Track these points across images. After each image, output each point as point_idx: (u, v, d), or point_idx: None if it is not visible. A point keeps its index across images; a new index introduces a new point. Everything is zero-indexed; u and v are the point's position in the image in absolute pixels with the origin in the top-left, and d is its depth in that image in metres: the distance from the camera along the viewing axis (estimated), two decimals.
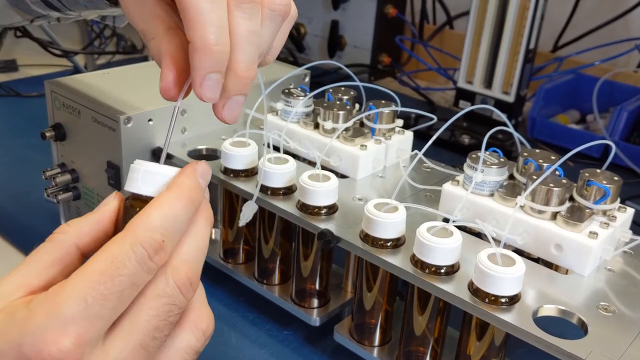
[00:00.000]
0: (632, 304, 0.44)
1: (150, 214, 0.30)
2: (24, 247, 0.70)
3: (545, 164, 0.51)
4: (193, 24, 0.32)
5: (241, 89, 0.35)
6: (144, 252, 0.30)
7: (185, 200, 0.32)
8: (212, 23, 0.32)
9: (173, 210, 0.31)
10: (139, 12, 0.36)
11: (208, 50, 0.32)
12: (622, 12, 1.16)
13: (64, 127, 0.65)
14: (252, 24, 0.34)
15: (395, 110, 0.62)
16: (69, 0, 0.48)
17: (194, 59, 0.33)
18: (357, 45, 1.32)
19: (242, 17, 0.34)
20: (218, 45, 0.33)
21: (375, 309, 0.53)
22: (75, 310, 0.28)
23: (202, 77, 0.33)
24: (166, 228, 0.31)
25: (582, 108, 1.12)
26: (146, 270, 0.30)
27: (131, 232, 0.30)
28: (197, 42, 0.32)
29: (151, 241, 0.30)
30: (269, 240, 0.59)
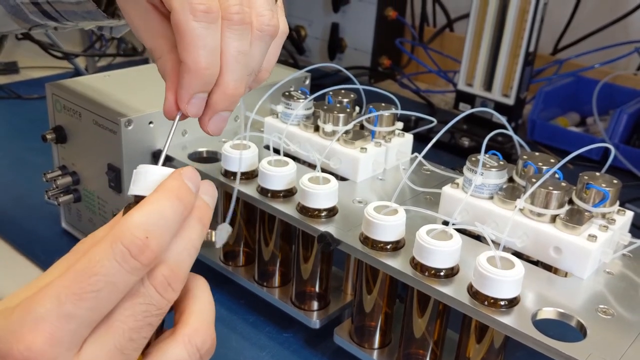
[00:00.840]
0: (631, 306, 0.44)
1: (132, 213, 0.30)
2: (24, 249, 0.70)
3: (544, 167, 0.52)
4: (187, 46, 0.34)
5: (228, 105, 0.36)
6: (124, 250, 0.28)
7: (172, 199, 0.31)
8: (205, 47, 0.34)
9: (157, 208, 0.30)
10: (146, 30, 0.37)
11: (199, 72, 0.34)
12: (621, 15, 1.16)
13: (65, 129, 0.65)
14: (241, 45, 0.36)
15: (395, 113, 0.62)
16: (67, 12, 0.48)
17: (184, 79, 0.34)
18: (358, 47, 1.32)
19: (232, 37, 0.35)
20: (209, 68, 0.34)
21: (375, 312, 0.53)
22: (48, 308, 0.27)
23: (189, 95, 0.35)
24: (150, 225, 0.29)
25: (582, 111, 1.12)
26: (128, 270, 0.28)
27: (112, 231, 0.29)
28: (189, 64, 0.34)
29: (132, 238, 0.29)
30: (269, 242, 0.59)
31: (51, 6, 0.48)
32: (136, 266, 0.29)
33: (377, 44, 1.29)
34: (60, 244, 0.71)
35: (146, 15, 0.37)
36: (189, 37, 0.33)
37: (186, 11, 0.33)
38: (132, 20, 0.38)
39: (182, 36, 0.33)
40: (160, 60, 0.37)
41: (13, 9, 0.51)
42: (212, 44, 0.34)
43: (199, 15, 0.33)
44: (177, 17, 0.33)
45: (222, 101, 0.36)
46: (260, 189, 0.56)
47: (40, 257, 0.68)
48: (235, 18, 0.35)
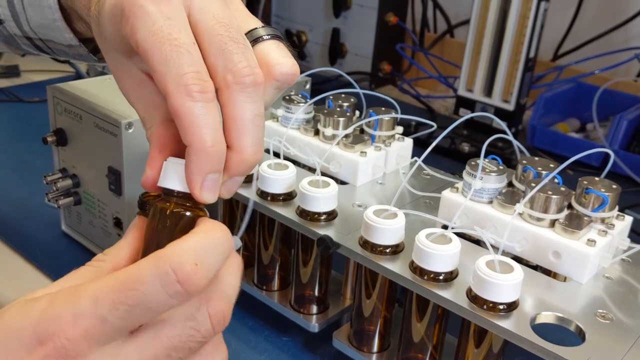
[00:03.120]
0: (629, 311, 0.44)
1: (185, 239, 0.30)
2: (24, 252, 0.70)
3: (544, 171, 0.52)
4: (189, 128, 0.32)
5: (244, 171, 0.35)
6: (169, 272, 0.28)
7: (225, 232, 0.31)
8: (206, 125, 0.32)
9: (212, 238, 0.30)
10: (138, 99, 0.36)
11: (205, 152, 0.32)
12: (622, 21, 1.17)
13: (66, 132, 0.65)
14: (256, 107, 0.34)
15: (395, 118, 0.62)
16: (59, 50, 0.49)
17: (193, 162, 0.32)
18: (358, 53, 1.32)
19: (246, 101, 0.33)
20: (214, 145, 0.32)
21: (374, 316, 0.53)
22: (87, 306, 0.28)
23: (202, 178, 0.33)
24: (202, 253, 0.29)
25: (582, 117, 1.12)
26: (169, 293, 0.28)
27: (164, 251, 0.29)
28: (194, 145, 0.32)
29: (181, 262, 0.28)
30: (269, 246, 0.59)
31: (44, 43, 0.48)
32: (178, 291, 0.28)
33: (377, 49, 1.30)
34: (60, 246, 0.71)
35: (139, 85, 0.36)
36: (189, 118, 0.31)
37: (182, 94, 0.31)
38: (124, 87, 0.37)
39: (182, 119, 0.31)
40: (150, 130, 0.36)
41: (7, 38, 0.51)
42: (213, 121, 0.32)
43: (196, 96, 0.31)
44: (173, 100, 0.31)
45: (239, 167, 0.34)
46: (259, 192, 0.56)
47: (40, 260, 0.68)
48: (248, 81, 0.33)
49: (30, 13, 0.46)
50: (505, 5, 0.96)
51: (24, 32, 0.48)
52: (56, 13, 0.45)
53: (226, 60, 0.33)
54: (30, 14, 0.46)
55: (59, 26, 0.45)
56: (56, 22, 0.45)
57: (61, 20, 0.45)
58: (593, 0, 1.21)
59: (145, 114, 0.36)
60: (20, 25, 0.47)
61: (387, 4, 1.27)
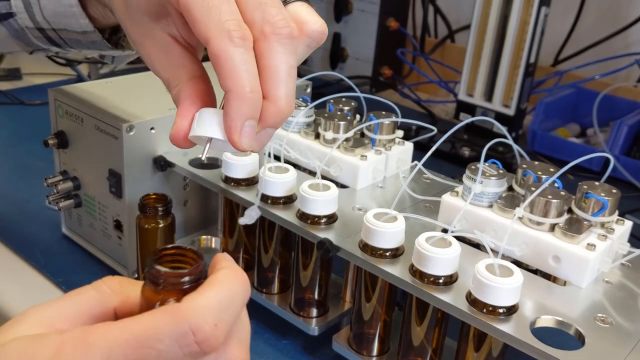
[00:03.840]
0: (629, 315, 0.44)
1: (205, 293, 0.28)
2: (25, 254, 0.70)
3: (544, 175, 0.52)
4: (230, 73, 0.33)
5: (279, 121, 0.35)
6: (188, 333, 0.27)
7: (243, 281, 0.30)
8: (246, 71, 0.33)
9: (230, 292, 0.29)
10: (164, 61, 0.37)
11: (245, 97, 0.33)
12: (622, 27, 1.17)
13: (67, 134, 0.66)
14: (291, 59, 0.35)
15: (395, 122, 0.62)
16: (71, 40, 0.49)
17: (232, 107, 0.33)
18: (359, 57, 1.33)
19: (282, 52, 0.34)
20: (253, 92, 0.33)
21: (374, 319, 0.53)
22: (98, 356, 0.27)
23: (241, 124, 0.33)
24: (221, 310, 0.28)
25: (582, 122, 1.12)
26: (186, 353, 0.27)
27: (181, 307, 0.28)
28: (235, 90, 0.33)
29: (201, 323, 0.27)
30: (269, 249, 0.59)
31: (56, 33, 0.49)
32: (196, 351, 0.28)
33: (378, 54, 1.30)
34: (61, 248, 0.71)
35: (166, 48, 0.37)
36: (230, 63, 0.33)
37: (225, 39, 0.32)
38: (148, 52, 0.37)
39: (223, 64, 0.33)
40: (176, 88, 0.36)
41: (17, 32, 0.51)
42: (253, 68, 0.33)
43: (237, 42, 0.33)
44: (216, 46, 0.32)
45: (273, 117, 0.35)
46: (260, 196, 0.56)
47: (41, 262, 0.68)
48: (284, 32, 0.34)
49: (44, 2, 0.46)
50: (506, 10, 0.97)
51: (37, 22, 0.48)
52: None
53: (264, 12, 0.34)
54: (44, 2, 0.46)
55: (74, 12, 0.46)
56: (72, 7, 0.45)
57: (77, 6, 0.45)
58: (593, 6, 1.21)
59: (171, 75, 0.37)
60: (33, 16, 0.47)
61: (387, 9, 1.27)
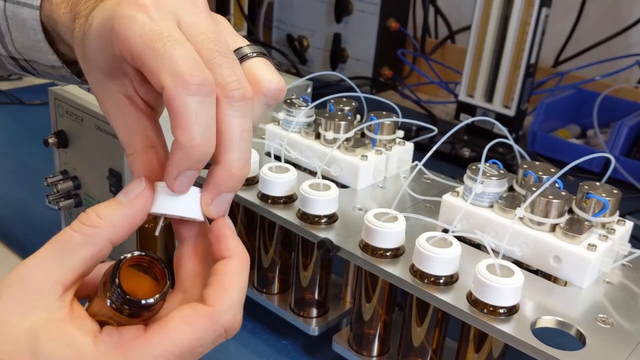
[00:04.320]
0: (630, 316, 0.44)
1: (230, 291, 0.33)
2: (24, 254, 0.70)
3: (544, 176, 0.52)
4: (180, 123, 0.31)
5: (233, 187, 0.34)
6: (222, 333, 0.33)
7: (248, 268, 0.35)
8: (198, 123, 0.31)
9: (244, 283, 0.34)
10: (121, 125, 0.36)
11: (192, 150, 0.32)
12: (622, 28, 1.17)
13: (67, 134, 0.65)
14: (245, 122, 0.33)
15: (396, 122, 0.62)
16: (42, 71, 0.49)
17: (176, 155, 0.32)
18: (359, 58, 1.33)
19: (234, 115, 0.33)
20: (203, 145, 0.32)
21: (374, 319, 0.53)
22: None
23: (179, 172, 0.33)
24: (241, 304, 0.34)
25: (582, 123, 1.12)
26: (217, 344, 0.33)
27: (215, 312, 0.32)
28: (182, 141, 0.31)
29: (233, 322, 0.33)
30: (269, 249, 0.59)
31: (28, 63, 0.48)
32: (223, 340, 0.34)
33: (378, 54, 1.30)
34: None
35: (121, 109, 0.36)
36: (182, 112, 0.31)
37: (179, 86, 0.30)
38: (106, 110, 0.36)
39: (175, 112, 0.31)
40: (132, 156, 0.35)
41: None
42: (207, 120, 0.32)
43: (192, 89, 0.30)
44: (169, 92, 0.30)
45: (227, 182, 0.34)
46: (260, 195, 0.56)
47: None
48: (236, 95, 0.33)
49: (15, 34, 0.46)
50: (507, 11, 0.97)
51: (9, 52, 0.48)
52: (39, 34, 0.45)
53: (215, 73, 0.32)
54: (15, 34, 0.46)
55: (42, 47, 0.45)
56: (39, 43, 0.45)
57: (44, 42, 0.45)
58: (594, 7, 1.21)
59: (126, 139, 0.36)
60: (6, 46, 0.47)
61: (388, 9, 1.27)
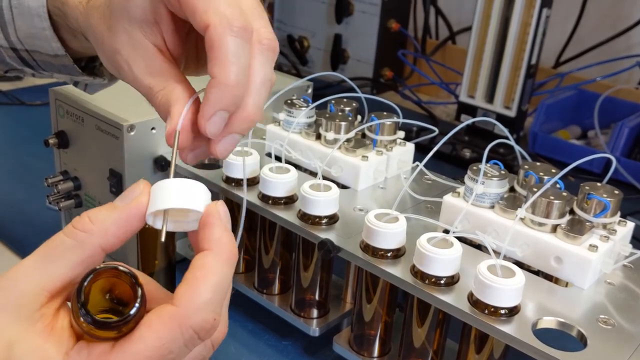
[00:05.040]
0: (631, 317, 0.44)
1: (199, 289, 0.29)
2: (24, 254, 0.69)
3: (545, 176, 0.52)
4: (221, 61, 0.32)
5: (244, 129, 0.36)
6: (193, 335, 0.29)
7: (231, 264, 0.31)
8: (238, 64, 0.33)
9: (221, 278, 0.30)
10: (145, 69, 0.36)
11: (228, 88, 0.33)
12: (623, 29, 1.17)
13: (67, 134, 0.65)
14: (269, 71, 0.36)
15: (396, 122, 0.62)
16: (44, 62, 0.49)
17: (212, 94, 0.33)
18: (360, 59, 1.32)
19: (262, 63, 0.35)
20: (238, 86, 0.33)
21: (375, 320, 0.52)
22: None
23: (213, 112, 0.33)
24: (217, 302, 0.30)
25: (583, 124, 1.12)
26: (191, 349, 0.30)
27: (182, 313, 0.29)
28: (221, 78, 0.33)
29: (203, 323, 0.29)
30: (270, 250, 0.59)
31: (29, 54, 0.49)
32: (198, 344, 0.30)
33: (379, 55, 1.30)
34: None
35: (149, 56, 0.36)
36: (224, 51, 0.32)
37: (224, 26, 0.32)
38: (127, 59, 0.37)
39: (217, 50, 0.32)
40: (162, 91, 0.35)
41: None
42: (244, 63, 0.33)
43: (237, 31, 0.32)
44: (214, 31, 0.32)
45: (240, 123, 0.35)
46: (261, 196, 0.56)
47: None
48: (271, 45, 0.35)
49: (18, 22, 0.46)
50: (507, 12, 0.96)
51: (11, 42, 0.48)
52: (45, 22, 0.45)
53: (254, 21, 0.34)
54: (19, 23, 0.46)
55: (47, 35, 0.46)
56: (44, 30, 0.45)
57: (50, 29, 0.45)
58: (595, 8, 1.21)
59: (153, 80, 0.36)
60: (8, 36, 0.47)
61: (389, 10, 1.27)
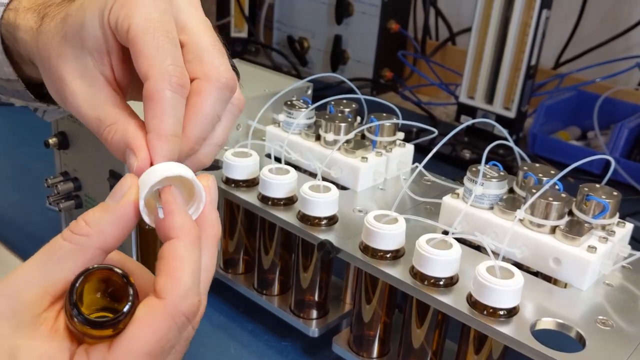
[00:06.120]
0: (630, 318, 0.44)
1: (182, 278, 0.31)
2: (25, 255, 0.70)
3: (544, 178, 0.52)
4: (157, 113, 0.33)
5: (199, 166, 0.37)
6: (185, 321, 0.31)
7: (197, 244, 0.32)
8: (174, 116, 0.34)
9: (196, 264, 0.31)
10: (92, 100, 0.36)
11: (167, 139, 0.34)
12: (623, 30, 1.17)
13: (68, 135, 0.66)
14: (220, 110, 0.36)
15: (396, 123, 0.62)
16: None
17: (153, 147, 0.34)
18: (360, 59, 1.33)
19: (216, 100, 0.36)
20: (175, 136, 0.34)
21: (374, 321, 0.53)
22: None
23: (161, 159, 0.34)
24: (197, 285, 0.31)
25: (582, 125, 1.12)
26: (183, 333, 0.31)
27: (170, 303, 0.30)
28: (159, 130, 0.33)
29: (191, 307, 0.31)
30: (269, 250, 0.59)
31: None
32: (188, 326, 0.32)
33: (379, 56, 1.30)
34: None
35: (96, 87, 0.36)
36: (161, 105, 0.33)
37: (164, 81, 0.33)
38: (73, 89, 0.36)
39: (155, 103, 0.33)
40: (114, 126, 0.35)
41: None
42: (181, 116, 0.34)
43: (176, 87, 0.33)
44: (154, 84, 0.33)
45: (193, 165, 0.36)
46: (261, 197, 0.56)
47: None
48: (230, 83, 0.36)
49: None
50: (507, 13, 0.97)
51: None
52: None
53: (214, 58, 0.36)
54: None
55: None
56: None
57: (2, 53, 0.45)
58: (594, 9, 1.21)
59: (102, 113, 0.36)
60: None
61: (389, 11, 1.27)
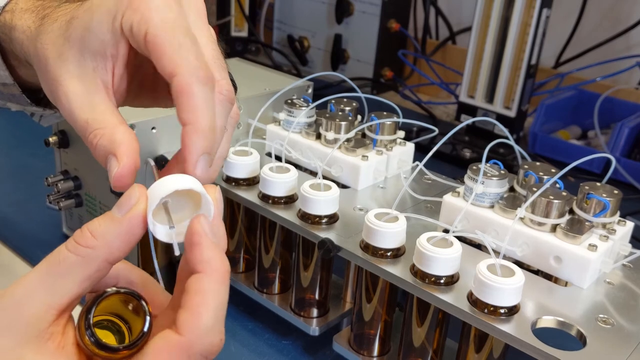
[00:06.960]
0: (630, 316, 0.44)
1: (202, 316, 0.31)
2: (25, 254, 0.70)
3: (545, 176, 0.52)
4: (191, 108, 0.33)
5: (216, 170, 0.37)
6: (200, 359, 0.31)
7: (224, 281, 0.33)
8: (208, 108, 0.33)
9: (220, 301, 0.32)
10: (85, 103, 0.36)
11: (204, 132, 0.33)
12: (623, 29, 1.17)
13: (68, 134, 0.66)
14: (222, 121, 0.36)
15: (396, 122, 0.62)
16: None
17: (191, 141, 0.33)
18: (360, 59, 1.33)
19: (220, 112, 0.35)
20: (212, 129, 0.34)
21: (375, 320, 0.53)
22: None
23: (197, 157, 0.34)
24: (220, 323, 0.32)
25: (583, 124, 1.12)
26: None
27: (189, 342, 0.30)
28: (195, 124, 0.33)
29: (210, 347, 0.31)
30: (270, 249, 0.59)
31: None
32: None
33: (379, 55, 1.30)
34: None
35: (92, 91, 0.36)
36: (194, 99, 0.33)
37: (194, 76, 0.33)
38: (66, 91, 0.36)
39: (190, 98, 0.33)
40: (101, 131, 0.35)
41: None
42: (213, 108, 0.34)
43: (206, 82, 0.33)
44: (183, 80, 0.32)
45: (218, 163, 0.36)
46: (261, 196, 0.56)
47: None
48: (227, 94, 0.35)
49: None
50: (507, 12, 0.97)
51: None
52: None
53: (214, 71, 0.35)
54: None
55: None
56: None
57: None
58: (595, 8, 1.21)
59: (92, 117, 0.36)
60: None
61: (389, 10, 1.27)
